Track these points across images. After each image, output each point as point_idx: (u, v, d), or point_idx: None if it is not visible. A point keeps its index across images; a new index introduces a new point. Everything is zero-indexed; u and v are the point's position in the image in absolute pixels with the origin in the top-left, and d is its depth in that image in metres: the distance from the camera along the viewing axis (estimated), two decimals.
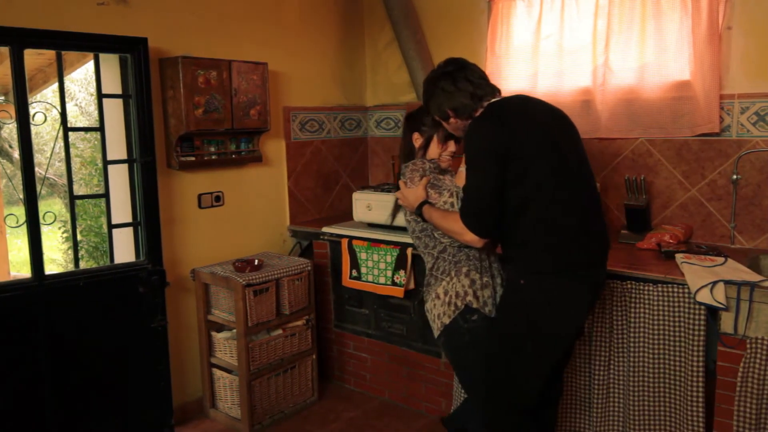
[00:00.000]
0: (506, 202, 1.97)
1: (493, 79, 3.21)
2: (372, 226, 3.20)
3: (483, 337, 2.15)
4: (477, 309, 2.14)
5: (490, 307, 2.18)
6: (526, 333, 2.01)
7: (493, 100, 2.11)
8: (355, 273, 3.14)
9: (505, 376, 2.08)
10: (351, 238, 3.15)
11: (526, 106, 2.09)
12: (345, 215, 3.64)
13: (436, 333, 2.25)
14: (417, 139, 2.35)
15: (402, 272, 2.94)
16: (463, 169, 2.14)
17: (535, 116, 2.04)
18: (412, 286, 2.96)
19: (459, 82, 2.10)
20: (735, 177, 2.65)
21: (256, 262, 3.06)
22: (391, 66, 3.86)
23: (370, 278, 3.08)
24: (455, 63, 2.17)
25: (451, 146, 2.34)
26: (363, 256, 3.09)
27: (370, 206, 3.14)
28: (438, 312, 2.21)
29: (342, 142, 3.88)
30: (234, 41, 3.18)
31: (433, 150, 2.33)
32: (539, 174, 1.94)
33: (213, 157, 3.08)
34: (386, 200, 3.02)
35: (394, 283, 2.98)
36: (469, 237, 2.00)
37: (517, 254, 2.04)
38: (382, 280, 3.03)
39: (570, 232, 1.96)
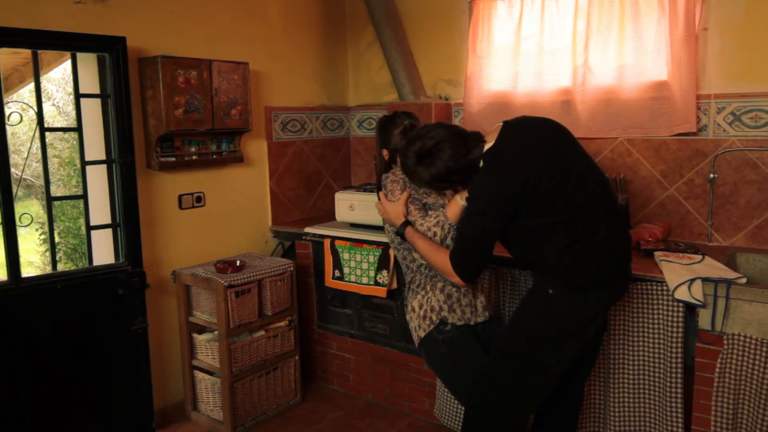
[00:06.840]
0: (528, 229, 1.92)
1: (474, 80, 3.28)
2: (354, 226, 3.19)
3: (460, 346, 2.15)
4: (452, 322, 2.15)
5: (468, 314, 2.19)
6: (549, 337, 1.98)
7: (487, 147, 1.96)
8: (337, 273, 3.14)
9: (510, 380, 2.04)
10: (333, 238, 3.14)
11: (525, 140, 1.95)
12: (328, 215, 3.63)
13: (416, 343, 2.27)
14: (387, 155, 2.32)
15: (385, 272, 2.94)
16: (458, 197, 2.09)
17: (538, 148, 1.93)
18: (394, 285, 2.96)
19: (435, 165, 1.96)
20: (712, 176, 2.69)
21: (238, 263, 3.04)
22: (373, 66, 3.86)
23: (352, 278, 3.08)
24: (423, 152, 1.97)
25: None
26: (346, 256, 3.09)
27: (352, 206, 3.13)
28: (414, 325, 2.24)
29: (324, 142, 3.87)
30: (215, 41, 3.15)
31: None
32: (558, 200, 1.88)
33: (194, 157, 3.05)
34: (369, 200, 3.02)
35: (377, 283, 2.98)
36: (456, 279, 2.00)
37: (547, 270, 1.98)
38: (364, 280, 3.02)
39: (597, 250, 1.91)
